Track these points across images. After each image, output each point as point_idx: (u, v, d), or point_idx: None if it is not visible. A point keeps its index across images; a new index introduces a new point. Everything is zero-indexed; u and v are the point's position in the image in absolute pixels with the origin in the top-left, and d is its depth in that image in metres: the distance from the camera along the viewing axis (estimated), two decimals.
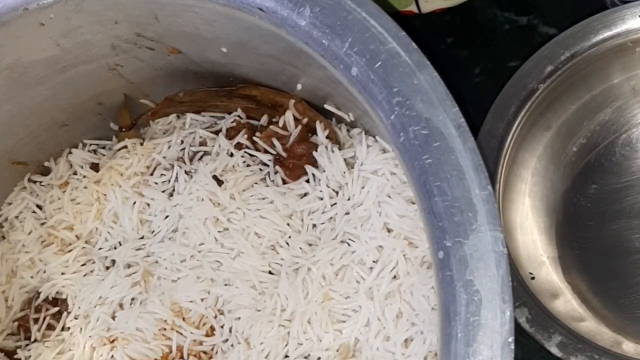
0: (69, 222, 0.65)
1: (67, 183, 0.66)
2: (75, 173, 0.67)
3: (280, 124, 0.61)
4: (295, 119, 0.60)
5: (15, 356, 0.64)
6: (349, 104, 0.58)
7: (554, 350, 0.59)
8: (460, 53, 0.73)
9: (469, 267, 0.43)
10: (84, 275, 0.63)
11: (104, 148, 0.68)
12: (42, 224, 0.66)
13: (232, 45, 0.58)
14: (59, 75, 0.62)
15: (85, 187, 0.65)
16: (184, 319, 0.59)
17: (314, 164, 0.59)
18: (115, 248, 0.63)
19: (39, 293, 0.64)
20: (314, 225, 0.58)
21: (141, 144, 0.66)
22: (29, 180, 0.68)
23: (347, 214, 0.57)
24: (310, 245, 0.58)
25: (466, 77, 0.72)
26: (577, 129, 0.67)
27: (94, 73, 0.63)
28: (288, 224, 0.58)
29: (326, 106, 0.60)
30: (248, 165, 0.61)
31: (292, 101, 0.61)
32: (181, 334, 0.59)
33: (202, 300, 0.59)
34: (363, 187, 0.57)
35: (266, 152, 0.61)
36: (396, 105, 0.46)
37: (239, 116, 0.63)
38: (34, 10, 0.55)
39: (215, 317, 0.59)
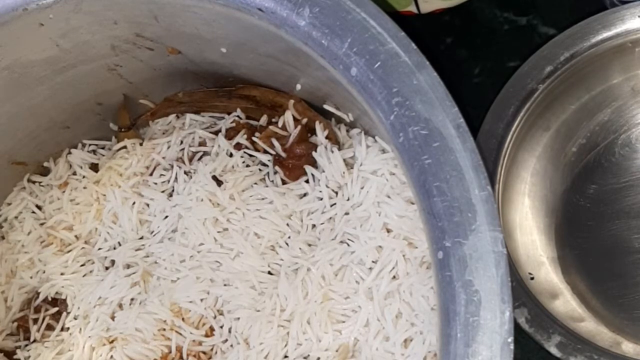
0: (69, 223, 0.65)
1: (67, 183, 0.66)
2: (74, 173, 0.67)
3: (280, 124, 0.61)
4: (294, 119, 0.60)
5: (15, 356, 0.64)
6: (348, 104, 0.58)
7: (554, 350, 0.59)
8: (459, 53, 0.73)
9: (468, 268, 0.43)
10: (84, 276, 0.63)
11: (103, 148, 0.68)
12: (42, 224, 0.66)
13: (232, 46, 0.58)
14: (59, 75, 0.62)
15: (85, 188, 0.65)
16: (183, 319, 0.59)
17: (314, 164, 0.59)
18: (114, 248, 0.63)
19: (38, 293, 0.64)
20: (314, 226, 0.58)
21: (140, 144, 0.66)
22: (29, 180, 0.68)
23: (346, 214, 0.57)
24: (309, 245, 0.58)
25: (466, 77, 0.72)
26: (576, 129, 0.67)
27: (94, 73, 0.63)
28: (287, 225, 0.58)
29: (325, 106, 0.60)
30: (247, 166, 0.61)
31: (292, 101, 0.61)
32: (180, 334, 0.59)
33: (201, 300, 0.59)
34: (362, 188, 0.57)
35: (265, 152, 0.61)
36: (395, 106, 0.46)
37: (238, 116, 0.63)
38: (34, 11, 0.56)
39: (215, 317, 0.59)
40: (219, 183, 0.60)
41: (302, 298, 0.56)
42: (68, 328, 0.63)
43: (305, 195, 0.59)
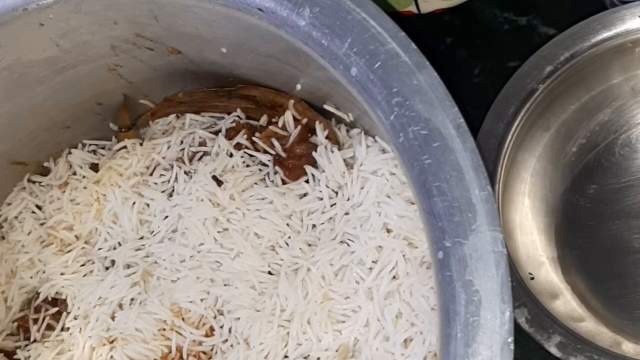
0: (69, 223, 0.65)
1: (67, 183, 0.66)
2: (74, 173, 0.67)
3: (280, 124, 0.61)
4: (294, 119, 0.60)
5: (15, 356, 0.64)
6: (348, 104, 0.58)
7: (554, 350, 0.59)
8: (459, 53, 0.73)
9: (468, 268, 0.43)
10: (84, 276, 0.63)
11: (103, 148, 0.68)
12: (42, 224, 0.66)
13: (232, 46, 0.58)
14: (59, 75, 0.62)
15: (85, 188, 0.65)
16: (183, 319, 0.59)
17: (314, 164, 0.59)
18: (114, 248, 0.63)
19: (38, 293, 0.64)
20: (314, 226, 0.58)
21: (141, 144, 0.66)
22: (29, 180, 0.68)
23: (346, 214, 0.57)
24: (309, 245, 0.58)
25: (466, 77, 0.72)
26: (576, 129, 0.67)
27: (94, 73, 0.63)
28: (287, 225, 0.58)
29: (325, 106, 0.60)
30: (247, 166, 0.61)
31: (292, 101, 0.61)
32: (180, 334, 0.59)
33: (201, 300, 0.59)
34: (362, 188, 0.57)
35: (266, 152, 0.61)
36: (395, 106, 0.46)
37: (238, 116, 0.63)
38: (34, 11, 0.56)
39: (215, 317, 0.59)
40: (219, 183, 0.60)
41: (302, 298, 0.56)
42: (68, 328, 0.63)
43: (305, 195, 0.59)
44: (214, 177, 0.61)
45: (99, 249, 0.64)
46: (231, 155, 0.61)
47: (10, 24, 0.56)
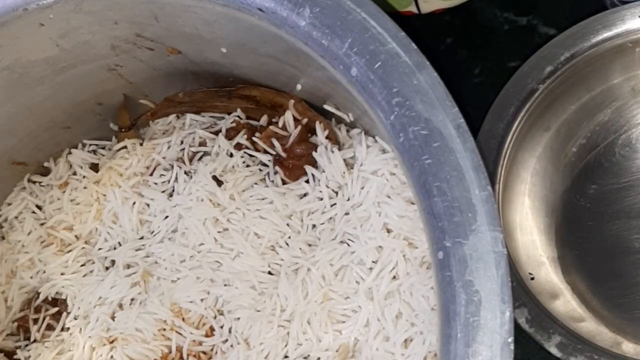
0: (69, 223, 0.65)
1: (67, 183, 0.66)
2: (74, 173, 0.67)
3: (280, 124, 0.61)
4: (294, 119, 0.60)
5: (15, 356, 0.64)
6: (348, 104, 0.58)
7: (554, 350, 0.59)
8: (460, 53, 0.73)
9: (468, 268, 0.43)
10: (84, 276, 0.63)
11: (103, 148, 0.68)
12: (42, 224, 0.66)
13: (232, 46, 0.58)
14: (59, 75, 0.62)
15: (85, 188, 0.65)
16: (183, 319, 0.59)
17: (314, 164, 0.59)
18: (114, 248, 0.63)
19: (38, 293, 0.64)
20: (314, 226, 0.58)
21: (141, 145, 0.66)
22: (29, 180, 0.68)
23: (346, 214, 0.57)
24: (309, 245, 0.58)
25: (466, 78, 0.72)
26: (576, 129, 0.67)
27: (94, 73, 0.63)
28: (288, 225, 0.58)
29: (326, 106, 0.60)
30: (248, 166, 0.61)
31: (292, 101, 0.61)
32: (181, 334, 0.59)
33: (201, 300, 0.59)
34: (363, 188, 0.57)
35: (266, 152, 0.61)
36: (396, 106, 0.46)
37: (238, 116, 0.63)
38: (34, 11, 0.56)
39: (215, 317, 0.59)
40: (219, 183, 0.60)
41: (302, 298, 0.56)
42: (68, 328, 0.63)
43: (305, 195, 0.59)
44: (214, 177, 0.61)
45: (99, 249, 0.64)
46: (231, 155, 0.61)
47: (10, 24, 0.56)
